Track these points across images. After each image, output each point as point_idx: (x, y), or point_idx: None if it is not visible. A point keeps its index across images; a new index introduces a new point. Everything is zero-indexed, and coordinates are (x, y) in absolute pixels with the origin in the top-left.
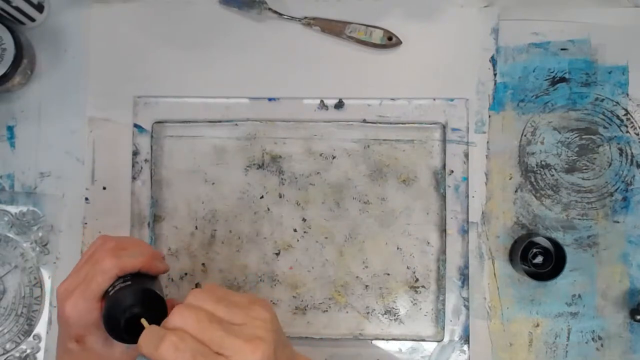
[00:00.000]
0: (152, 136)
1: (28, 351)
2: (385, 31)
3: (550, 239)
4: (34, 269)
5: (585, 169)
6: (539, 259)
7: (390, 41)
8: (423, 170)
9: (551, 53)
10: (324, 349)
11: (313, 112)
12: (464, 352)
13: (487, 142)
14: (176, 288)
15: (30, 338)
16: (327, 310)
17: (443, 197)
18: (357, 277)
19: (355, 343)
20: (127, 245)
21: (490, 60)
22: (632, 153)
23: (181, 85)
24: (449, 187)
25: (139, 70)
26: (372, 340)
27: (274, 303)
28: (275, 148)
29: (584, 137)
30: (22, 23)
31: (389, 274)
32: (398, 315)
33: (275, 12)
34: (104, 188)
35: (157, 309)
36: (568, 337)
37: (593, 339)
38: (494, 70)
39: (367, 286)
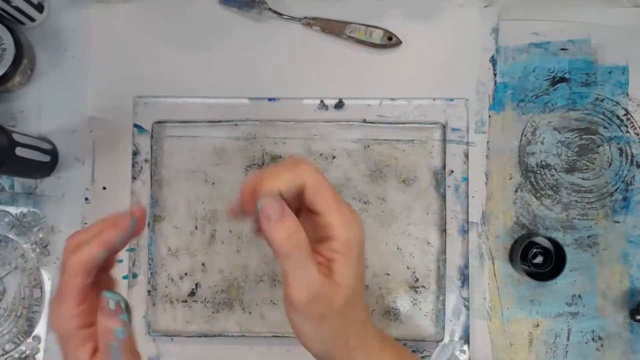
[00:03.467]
0: (152, 136)
1: (27, 352)
2: (385, 31)
3: (550, 239)
4: (34, 270)
5: (585, 169)
6: (539, 259)
7: (390, 41)
8: (423, 170)
9: (551, 53)
10: None
11: (313, 112)
12: (464, 352)
13: (487, 142)
14: (176, 288)
15: (30, 339)
16: None
17: (443, 197)
18: None
19: None
20: (87, 235)
21: (490, 60)
22: (632, 153)
23: (181, 85)
24: (449, 187)
25: (139, 70)
26: None
27: (273, 303)
28: (275, 148)
29: (584, 137)
30: (22, 23)
31: (389, 274)
32: (398, 315)
33: (275, 12)
34: (104, 188)
35: None
36: (568, 337)
37: (593, 339)
38: (494, 70)
39: (367, 286)
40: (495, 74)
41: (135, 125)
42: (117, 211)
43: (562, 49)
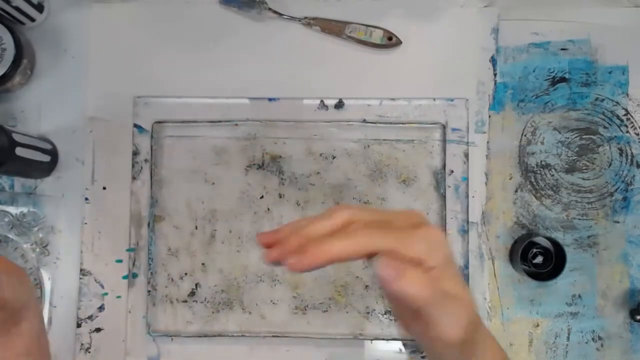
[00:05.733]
0: (152, 136)
1: None
2: (385, 31)
3: (550, 239)
4: (34, 270)
5: (585, 169)
6: (539, 259)
7: (390, 41)
8: (423, 170)
9: (551, 53)
10: (324, 349)
11: (313, 112)
12: None
13: (487, 142)
14: (176, 288)
15: None
16: (327, 310)
17: (443, 197)
18: (357, 277)
19: (355, 343)
20: None
21: (490, 60)
22: (632, 153)
23: (181, 85)
24: (449, 187)
25: (139, 70)
26: (372, 340)
27: (273, 303)
28: (275, 148)
29: (584, 137)
30: (22, 23)
31: None
32: None
33: (275, 12)
34: (104, 188)
35: None
36: (568, 337)
37: (593, 339)
38: (494, 70)
39: (367, 286)
40: (495, 74)
41: (135, 125)
42: None
43: (562, 49)
